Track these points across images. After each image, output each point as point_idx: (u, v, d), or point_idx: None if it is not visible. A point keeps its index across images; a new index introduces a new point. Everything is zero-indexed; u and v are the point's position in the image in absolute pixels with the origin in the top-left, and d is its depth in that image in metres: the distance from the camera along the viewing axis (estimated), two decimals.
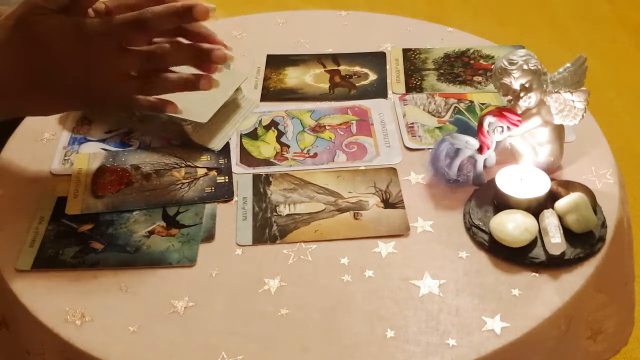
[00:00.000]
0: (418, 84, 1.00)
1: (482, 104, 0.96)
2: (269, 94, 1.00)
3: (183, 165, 0.88)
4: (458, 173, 0.82)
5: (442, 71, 1.02)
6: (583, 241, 0.76)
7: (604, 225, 0.78)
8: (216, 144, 0.90)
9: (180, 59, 0.78)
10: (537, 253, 0.75)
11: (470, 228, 0.79)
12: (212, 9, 0.77)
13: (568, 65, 0.85)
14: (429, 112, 0.95)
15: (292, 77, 1.02)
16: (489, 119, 0.81)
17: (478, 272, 0.75)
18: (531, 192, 0.78)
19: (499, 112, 0.82)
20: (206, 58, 0.78)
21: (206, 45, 0.79)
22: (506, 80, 0.81)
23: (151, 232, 0.80)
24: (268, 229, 0.80)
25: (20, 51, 0.75)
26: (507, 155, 0.85)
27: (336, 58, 1.06)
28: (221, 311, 0.72)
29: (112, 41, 0.75)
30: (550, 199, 0.79)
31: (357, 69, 1.03)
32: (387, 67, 1.04)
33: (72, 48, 0.75)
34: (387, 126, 0.93)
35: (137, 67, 0.77)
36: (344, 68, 1.04)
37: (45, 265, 0.77)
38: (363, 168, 0.88)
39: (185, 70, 0.80)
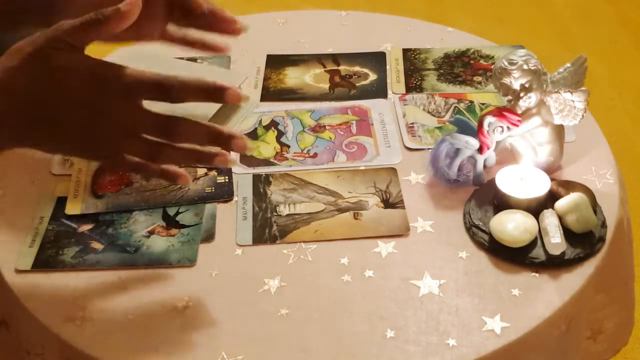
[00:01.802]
0: (418, 84, 1.00)
1: (482, 104, 0.96)
2: (269, 94, 1.00)
3: (183, 165, 0.88)
4: (458, 173, 0.82)
5: (442, 71, 1.02)
6: (583, 241, 0.76)
7: (604, 225, 0.78)
8: None
9: (193, 140, 0.71)
10: (537, 253, 0.75)
11: (470, 228, 0.79)
12: (246, 97, 0.71)
13: (568, 65, 0.85)
14: (429, 112, 0.95)
15: (292, 77, 1.02)
16: (489, 119, 0.81)
17: (478, 272, 0.75)
18: (531, 192, 0.78)
19: (499, 112, 0.82)
20: (225, 143, 0.71)
21: (226, 131, 0.71)
22: (506, 80, 0.81)
23: (151, 232, 0.80)
24: (268, 229, 0.80)
25: (30, 81, 0.69)
26: (507, 155, 0.85)
27: (336, 58, 1.06)
28: (221, 311, 0.72)
29: (129, 97, 0.69)
30: (550, 199, 0.79)
31: (357, 69, 1.03)
32: (387, 67, 1.04)
33: (84, 90, 0.69)
34: (387, 126, 0.93)
35: (145, 131, 0.70)
36: (344, 68, 1.04)
37: (45, 265, 0.77)
38: (363, 168, 0.88)
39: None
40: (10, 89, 0.70)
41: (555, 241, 0.74)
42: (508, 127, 0.82)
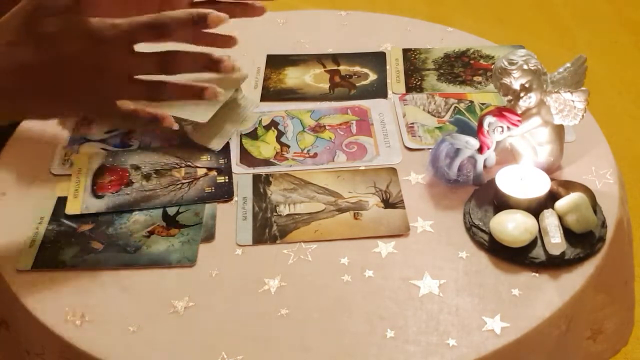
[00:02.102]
0: (418, 84, 1.00)
1: (482, 104, 0.96)
2: (269, 94, 1.00)
3: (183, 165, 0.88)
4: (458, 173, 0.82)
5: (442, 71, 1.02)
6: (583, 241, 0.76)
7: (604, 225, 0.78)
8: (216, 144, 0.90)
9: (190, 67, 0.78)
10: (537, 253, 0.75)
11: (470, 228, 0.79)
12: (225, 18, 0.78)
13: (568, 65, 0.85)
14: (429, 112, 0.95)
15: (292, 77, 1.02)
16: (489, 119, 0.81)
17: (478, 272, 0.75)
18: (531, 192, 0.78)
19: (499, 112, 0.82)
20: (215, 67, 0.79)
21: (215, 56, 0.79)
22: (506, 80, 0.81)
23: (151, 232, 0.80)
24: (268, 229, 0.80)
25: (27, 53, 0.73)
26: (507, 155, 0.85)
27: (336, 58, 1.06)
28: (221, 311, 0.72)
29: (123, 43, 0.75)
30: (550, 199, 0.79)
31: (357, 69, 1.03)
32: (387, 67, 1.04)
33: (81, 49, 0.73)
34: (387, 126, 0.93)
35: (146, 71, 0.76)
36: (344, 68, 1.04)
37: (45, 265, 0.77)
38: (363, 168, 0.88)
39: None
40: (9, 64, 0.73)
41: (555, 241, 0.74)
42: (508, 127, 0.82)
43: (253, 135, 0.93)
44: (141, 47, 0.76)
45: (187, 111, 0.87)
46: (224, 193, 0.85)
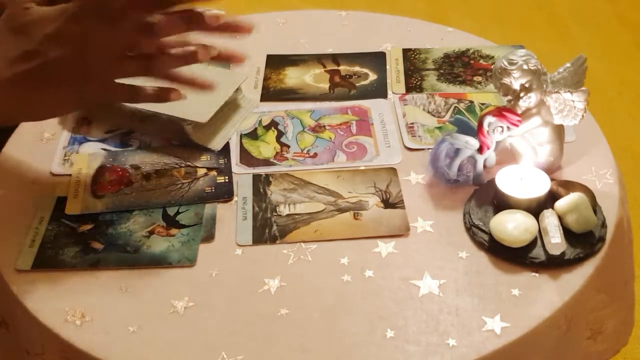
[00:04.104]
0: (418, 84, 1.00)
1: (482, 104, 0.96)
2: (269, 94, 1.00)
3: (183, 165, 0.88)
4: (458, 173, 0.82)
5: (442, 71, 1.02)
6: (583, 241, 0.76)
7: (604, 225, 0.78)
8: (216, 144, 0.90)
9: (175, 26, 0.75)
10: (537, 253, 0.75)
11: (470, 228, 0.79)
12: (222, 15, 0.76)
13: (568, 65, 0.85)
14: (429, 112, 0.95)
15: (292, 77, 1.02)
16: (489, 119, 0.81)
17: (478, 272, 0.75)
18: (531, 192, 0.78)
19: (499, 112, 0.82)
20: (199, 21, 0.75)
21: (198, 9, 0.76)
22: (506, 80, 0.81)
23: (151, 232, 0.80)
24: (268, 229, 0.80)
25: (9, 43, 0.73)
26: (507, 155, 0.85)
27: (336, 58, 1.06)
28: (221, 311, 0.72)
29: (103, 18, 0.73)
30: (550, 199, 0.79)
31: (357, 69, 1.03)
32: (387, 67, 1.04)
33: (62, 31, 0.72)
34: (387, 126, 0.93)
35: (134, 43, 0.75)
36: (344, 68, 1.04)
37: (45, 265, 0.77)
38: (363, 168, 0.88)
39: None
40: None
41: (555, 241, 0.74)
42: (508, 127, 0.82)
43: (253, 135, 0.93)
44: None
45: (187, 111, 0.87)
46: (224, 193, 0.85)
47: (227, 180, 0.86)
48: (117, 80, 0.77)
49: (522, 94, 0.81)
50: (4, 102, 0.75)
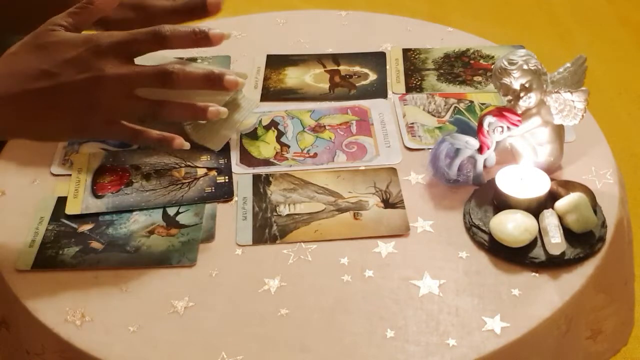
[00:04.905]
0: (418, 84, 1.00)
1: (482, 104, 0.96)
2: (269, 94, 1.00)
3: (183, 165, 0.88)
4: (458, 173, 0.82)
5: (442, 71, 1.02)
6: (583, 241, 0.76)
7: (604, 225, 0.78)
8: (216, 144, 0.90)
9: (194, 84, 0.77)
10: (537, 253, 0.75)
11: (470, 228, 0.79)
12: (227, 35, 0.78)
13: (568, 65, 0.85)
14: (429, 112, 0.95)
15: (292, 77, 1.02)
16: (489, 119, 0.81)
17: (478, 272, 0.75)
18: (531, 192, 0.78)
19: (499, 112, 0.82)
20: (218, 82, 0.78)
21: (218, 71, 0.78)
22: (506, 80, 0.81)
23: (151, 232, 0.80)
24: (268, 229, 0.80)
25: (29, 60, 0.74)
26: (507, 155, 0.85)
27: (336, 58, 1.06)
28: (221, 311, 0.72)
29: (123, 53, 0.75)
30: (550, 199, 0.79)
31: (357, 69, 1.03)
32: (387, 67, 1.04)
33: (81, 59, 0.74)
34: (387, 126, 0.93)
35: (149, 85, 0.76)
36: (344, 68, 1.04)
37: (45, 265, 0.77)
38: (363, 168, 0.88)
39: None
40: (6, 69, 0.74)
41: (555, 241, 0.74)
42: (508, 127, 0.82)
43: (253, 135, 0.93)
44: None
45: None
46: (224, 193, 0.85)
47: (227, 180, 0.86)
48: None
49: (522, 94, 0.81)
50: (7, 117, 0.75)
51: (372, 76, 1.02)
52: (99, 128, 0.77)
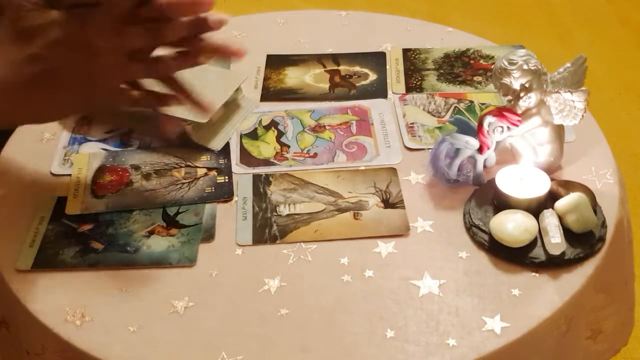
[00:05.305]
0: (418, 84, 1.00)
1: (482, 104, 0.96)
2: (269, 94, 1.00)
3: (183, 165, 0.88)
4: (458, 173, 0.82)
5: (442, 71, 1.02)
6: (583, 241, 0.76)
7: (604, 225, 0.78)
8: (216, 144, 0.90)
9: (181, 31, 0.76)
10: (537, 253, 0.75)
11: (470, 228, 0.79)
12: (226, 20, 0.77)
13: (568, 65, 0.85)
14: (429, 112, 0.95)
15: (292, 77, 1.02)
16: (489, 119, 0.81)
17: (478, 272, 0.75)
18: (531, 192, 0.78)
19: (499, 112, 0.82)
20: (203, 24, 0.76)
21: (202, 15, 0.76)
22: (506, 80, 0.81)
23: (151, 232, 0.80)
24: (268, 229, 0.80)
25: (12, 48, 0.73)
26: (507, 155, 0.85)
27: (336, 58, 1.06)
28: (221, 311, 0.72)
29: (108, 24, 0.73)
30: (550, 199, 0.79)
31: (357, 69, 1.03)
32: (387, 67, 1.04)
33: (66, 37, 0.73)
34: (387, 126, 0.93)
35: (139, 48, 0.75)
36: (344, 68, 1.04)
37: (45, 265, 0.77)
38: (363, 168, 0.88)
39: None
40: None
41: (555, 241, 0.74)
42: (508, 127, 0.82)
43: (253, 135, 0.93)
44: None
45: (187, 111, 0.87)
46: (224, 193, 0.85)
47: (227, 180, 0.86)
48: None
49: (522, 94, 0.81)
50: (10, 105, 0.74)
51: (372, 76, 1.02)
52: (102, 98, 0.77)
